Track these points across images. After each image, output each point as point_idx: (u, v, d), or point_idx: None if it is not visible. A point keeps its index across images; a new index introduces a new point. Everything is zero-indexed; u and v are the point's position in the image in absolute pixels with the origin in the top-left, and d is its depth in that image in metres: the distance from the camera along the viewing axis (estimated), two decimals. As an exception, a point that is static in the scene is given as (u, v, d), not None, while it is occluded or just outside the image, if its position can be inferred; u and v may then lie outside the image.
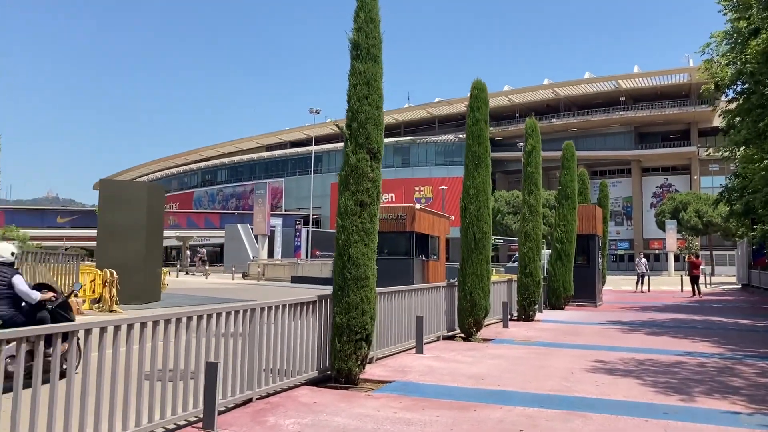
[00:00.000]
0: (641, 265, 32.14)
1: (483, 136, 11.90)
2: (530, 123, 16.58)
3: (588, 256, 21.94)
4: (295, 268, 36.16)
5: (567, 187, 20.27)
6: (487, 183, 11.92)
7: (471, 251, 11.76)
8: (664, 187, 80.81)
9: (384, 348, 9.45)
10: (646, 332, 13.70)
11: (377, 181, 7.62)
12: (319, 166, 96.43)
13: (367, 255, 7.45)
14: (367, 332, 7.50)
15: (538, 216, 16.08)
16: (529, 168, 16.29)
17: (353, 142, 7.53)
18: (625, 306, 21.86)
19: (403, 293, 10.13)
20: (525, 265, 15.98)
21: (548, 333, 13.39)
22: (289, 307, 7.25)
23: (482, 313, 11.78)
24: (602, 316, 17.80)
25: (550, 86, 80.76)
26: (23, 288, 7.17)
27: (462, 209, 11.96)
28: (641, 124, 79.95)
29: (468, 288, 11.72)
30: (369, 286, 7.46)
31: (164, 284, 20.66)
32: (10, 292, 7.13)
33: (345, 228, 7.47)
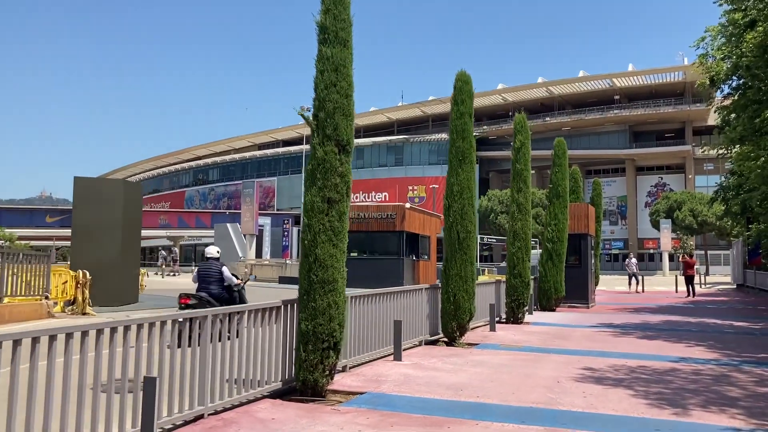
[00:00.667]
0: (632, 266, 31.70)
1: (467, 131, 11.31)
2: (519, 119, 16.01)
3: (580, 255, 21.38)
4: (283, 268, 35.52)
5: (558, 185, 19.72)
6: (472, 180, 11.34)
7: (455, 251, 11.18)
8: (658, 187, 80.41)
9: (359, 355, 8.87)
10: (638, 336, 13.15)
11: (347, 176, 7.03)
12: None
13: (336, 256, 6.87)
14: (335, 340, 6.91)
15: (527, 214, 15.50)
16: (517, 165, 15.71)
17: (320, 134, 6.94)
18: (618, 307, 21.32)
19: (381, 296, 9.55)
20: (514, 265, 15.41)
21: (537, 337, 12.82)
22: (250, 313, 6.66)
23: (466, 317, 11.21)
24: (594, 318, 17.25)
25: (544, 84, 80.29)
26: (228, 275, 10.26)
27: (445, 207, 11.38)
28: (636, 122, 79.56)
29: (451, 290, 11.14)
30: (337, 290, 6.87)
31: (142, 285, 20.03)
32: (219, 277, 10.19)
33: (311, 227, 6.89)
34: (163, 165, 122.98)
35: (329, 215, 6.87)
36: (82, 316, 15.55)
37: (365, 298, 9.04)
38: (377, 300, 9.41)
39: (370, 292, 9.29)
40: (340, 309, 6.92)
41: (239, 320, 6.57)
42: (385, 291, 9.73)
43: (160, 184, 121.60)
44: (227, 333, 6.30)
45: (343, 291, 7.00)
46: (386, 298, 9.71)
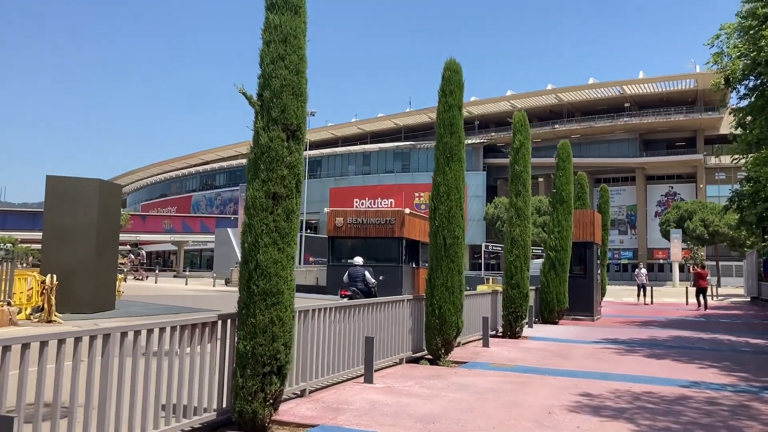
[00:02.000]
0: (641, 276, 30.33)
1: (456, 125, 10.19)
2: (519, 117, 14.87)
3: (585, 265, 20.20)
4: (278, 274, 34.37)
5: (562, 190, 18.55)
6: (461, 179, 10.21)
7: (440, 259, 10.04)
8: (669, 196, 78.91)
9: (324, 376, 7.74)
10: (645, 354, 11.95)
11: (296, 167, 5.92)
12: (318, 171, 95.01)
13: (281, 263, 5.75)
14: (280, 363, 5.79)
15: (526, 220, 14.35)
16: (516, 167, 14.57)
17: (265, 116, 5.84)
18: (625, 320, 20.10)
19: (352, 309, 8.42)
20: (511, 275, 14.24)
21: (533, 354, 11.65)
22: (173, 330, 5.55)
23: (453, 332, 10.07)
24: (598, 332, 16.06)
25: (553, 91, 79.04)
26: (368, 277, 13.77)
27: (431, 210, 10.25)
28: (646, 130, 78.19)
29: (436, 302, 10.00)
30: (282, 303, 5.76)
31: (119, 291, 18.96)
32: (363, 277, 13.64)
33: (252, 227, 5.79)
34: (171, 169, 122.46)
35: (274, 213, 5.77)
36: (47, 324, 14.49)
37: (331, 311, 7.92)
38: (347, 314, 8.29)
39: (338, 303, 8.18)
40: (286, 326, 5.80)
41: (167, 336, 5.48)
42: (356, 303, 8.60)
43: (168, 188, 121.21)
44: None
45: (290, 304, 5.89)
46: (358, 311, 8.58)
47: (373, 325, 8.96)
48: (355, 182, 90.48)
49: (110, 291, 17.72)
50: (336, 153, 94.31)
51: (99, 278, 17.00)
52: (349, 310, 8.33)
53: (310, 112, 63.77)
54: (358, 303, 8.65)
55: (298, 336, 7.24)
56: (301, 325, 7.29)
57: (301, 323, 7.29)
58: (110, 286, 17.71)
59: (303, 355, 7.31)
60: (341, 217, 29.30)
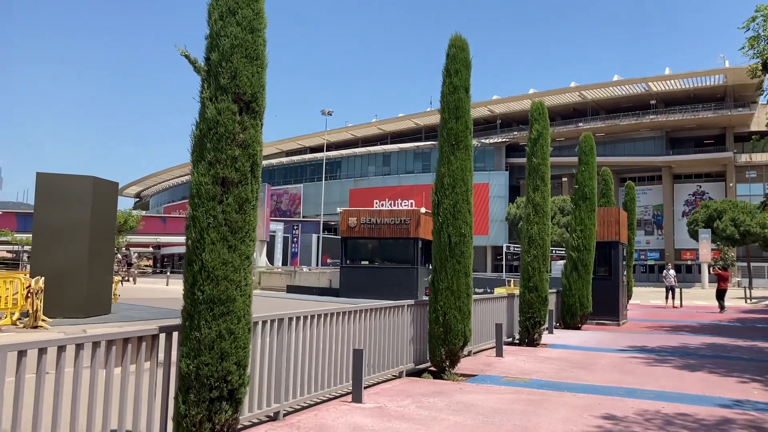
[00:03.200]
0: (669, 278, 28.82)
1: (462, 109, 9.07)
2: (536, 105, 13.70)
3: (610, 266, 18.91)
4: (291, 276, 33.46)
5: (585, 186, 17.32)
6: (467, 170, 9.08)
7: (445, 259, 8.93)
8: (696, 195, 76.75)
9: (303, 396, 6.69)
10: (677, 365, 10.72)
11: (252, 146, 4.87)
12: (338, 172, 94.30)
13: (233, 264, 4.71)
14: (231, 387, 4.75)
15: (545, 217, 13.17)
16: (534, 159, 13.41)
17: (212, 84, 4.81)
18: (653, 325, 18.79)
19: (339, 316, 7.36)
20: (529, 277, 13.08)
21: (552, 365, 10.48)
22: (95, 347, 4.52)
23: (459, 342, 8.94)
24: (624, 338, 14.83)
25: (576, 89, 77.27)
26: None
27: (434, 204, 9.14)
28: (673, 128, 76.10)
29: (440, 308, 8.88)
30: (234, 312, 4.71)
31: (115, 294, 18.05)
32: None
33: (197, 220, 4.75)
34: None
35: (224, 203, 4.73)
36: (32, 330, 13.60)
37: (313, 319, 6.86)
38: (333, 322, 7.22)
39: (327, 309, 7.12)
40: (240, 341, 4.75)
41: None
42: (344, 309, 7.52)
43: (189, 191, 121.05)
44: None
45: (245, 314, 4.84)
46: (346, 318, 7.50)
47: (365, 335, 7.89)
48: (374, 183, 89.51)
49: (105, 294, 16.82)
50: (356, 154, 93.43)
51: (92, 281, 16.10)
52: (335, 318, 7.26)
53: (328, 111, 62.89)
54: (346, 309, 7.58)
55: (271, 349, 6.19)
56: (275, 336, 6.26)
57: (275, 334, 6.26)
58: (105, 289, 16.81)
59: (277, 372, 6.27)
60: (354, 217, 28.28)
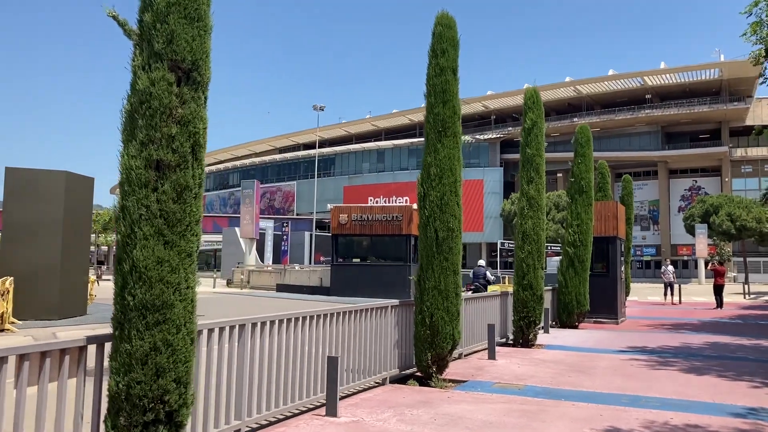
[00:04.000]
0: (668, 274, 28.05)
1: (450, 92, 8.33)
2: (530, 93, 13.02)
3: (607, 262, 18.22)
4: (281, 275, 32.66)
5: (581, 179, 16.61)
6: (456, 159, 8.36)
7: (432, 256, 8.20)
8: (692, 190, 76.20)
9: (271, 410, 5.96)
10: (682, 367, 10.02)
11: (194, 123, 4.13)
12: (332, 169, 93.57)
13: (170, 263, 3.98)
14: (170, 408, 4.02)
15: (539, 211, 12.46)
16: (528, 150, 12.69)
17: (145, 50, 4.07)
18: (653, 323, 18.11)
19: (312, 320, 6.63)
20: (523, 274, 12.37)
21: (548, 369, 9.77)
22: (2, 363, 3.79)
23: (447, 346, 8.22)
24: (623, 338, 14.14)
25: (571, 84, 76.57)
26: (489, 276, 17.89)
27: (420, 197, 8.41)
28: (668, 123, 75.48)
29: (427, 309, 8.16)
30: (172, 320, 3.98)
31: (92, 295, 17.28)
32: (483, 276, 17.61)
33: (127, 211, 4.02)
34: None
35: (159, 191, 3.99)
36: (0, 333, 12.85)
37: (282, 324, 6.14)
38: (305, 326, 6.50)
39: (292, 313, 6.39)
40: (179, 354, 4.03)
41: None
42: (317, 312, 6.79)
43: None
44: None
45: (187, 322, 4.11)
46: (320, 321, 6.78)
47: (344, 340, 7.17)
48: (369, 180, 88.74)
49: (80, 295, 16.05)
50: (350, 150, 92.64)
51: (66, 281, 15.34)
52: (308, 322, 6.54)
53: (320, 107, 61.98)
54: (321, 312, 6.86)
55: (231, 360, 5.47)
56: (236, 344, 5.54)
57: (235, 342, 5.53)
58: (80, 290, 16.04)
59: (239, 385, 5.54)
60: (345, 214, 27.54)
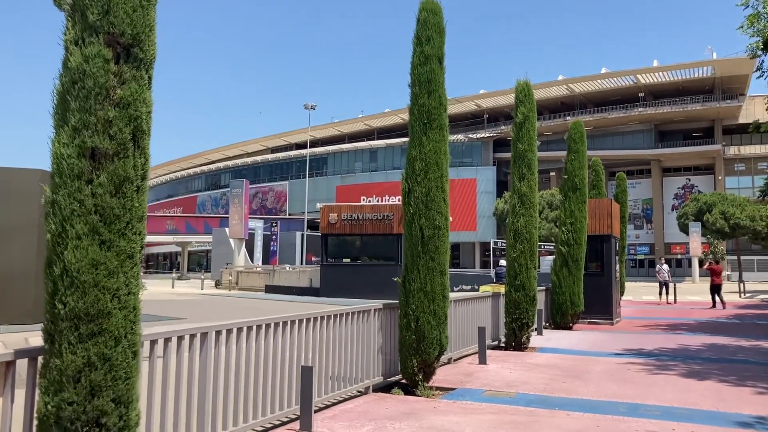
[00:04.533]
0: (663, 273, 27.55)
1: (435, 82, 7.85)
2: (521, 85, 12.54)
3: (602, 261, 17.77)
4: (270, 276, 32.14)
5: (575, 176, 16.15)
6: (442, 153, 7.89)
7: (417, 256, 7.71)
8: (686, 188, 76.02)
9: (239, 426, 5.45)
10: (681, 372, 9.55)
11: (135, 106, 3.63)
12: (324, 168, 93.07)
13: (107, 266, 3.48)
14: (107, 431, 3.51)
15: (532, 208, 11.99)
16: (519, 145, 12.21)
17: (78, 23, 3.56)
18: (648, 324, 17.68)
19: (285, 325, 6.13)
20: (515, 275, 11.89)
21: (541, 374, 9.29)
22: None
23: (434, 351, 7.74)
24: (619, 340, 13.69)
25: (564, 82, 76.24)
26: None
27: (404, 193, 7.93)
28: (661, 121, 75.28)
29: (412, 312, 7.67)
30: (109, 331, 3.48)
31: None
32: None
33: (58, 206, 3.53)
34: (177, 170, 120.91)
35: (94, 183, 3.50)
36: (-32, 338, 12.29)
37: (250, 331, 5.63)
38: (278, 332, 5.99)
39: (262, 319, 5.88)
40: (119, 370, 3.52)
41: None
42: (294, 316, 6.29)
43: (175, 189, 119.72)
44: None
45: (129, 333, 3.61)
46: (296, 327, 6.27)
47: (322, 346, 6.67)
48: (362, 179, 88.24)
49: (58, 298, 15.49)
50: (342, 150, 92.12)
51: (42, 284, 14.75)
52: (280, 328, 6.03)
53: (311, 105, 61.45)
54: (296, 317, 6.36)
55: (190, 371, 4.97)
56: (197, 353, 5.04)
57: (196, 352, 5.04)
58: (57, 293, 15.47)
59: (201, 399, 5.04)
60: (335, 213, 27.05)
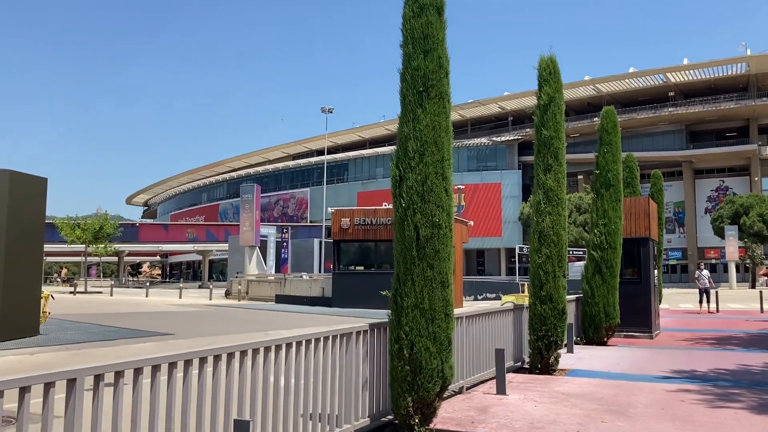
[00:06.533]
0: (703, 279, 25.25)
1: (433, 38, 6.10)
2: (545, 63, 10.75)
3: (639, 267, 15.84)
4: (281, 284, 30.49)
5: (608, 171, 14.27)
6: (443, 129, 6.12)
7: (411, 263, 5.95)
8: (720, 191, 73.19)
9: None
10: (751, 405, 7.62)
11: None
12: (345, 174, 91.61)
13: None
14: None
15: (560, 205, 10.17)
16: (544, 131, 10.41)
17: None
18: (692, 337, 15.71)
19: (229, 358, 4.40)
20: (540, 284, 10.06)
21: (573, 409, 7.44)
22: None
23: (434, 386, 5.95)
24: (664, 358, 11.79)
25: (591, 82, 73.96)
26: None
27: (394, 182, 6.17)
28: (693, 121, 72.61)
29: (405, 336, 5.90)
30: None
31: (45, 312, 15.14)
32: None
33: None
34: (199, 178, 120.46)
35: None
36: None
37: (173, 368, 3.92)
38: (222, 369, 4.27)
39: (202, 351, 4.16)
40: None
41: None
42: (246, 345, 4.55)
43: (198, 197, 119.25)
44: None
45: None
46: (249, 361, 4.54)
47: (274, 389, 4.93)
48: (383, 185, 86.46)
49: (30, 312, 13.94)
50: (363, 156, 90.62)
51: (11, 296, 13.25)
52: (224, 363, 4.31)
53: (328, 109, 60.06)
54: (250, 346, 4.64)
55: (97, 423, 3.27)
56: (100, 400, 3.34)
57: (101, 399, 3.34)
58: (29, 306, 13.92)
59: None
60: (347, 218, 25.35)
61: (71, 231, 45.17)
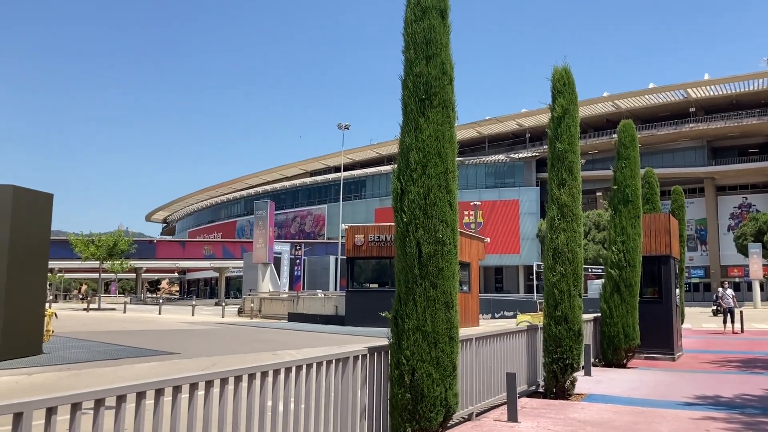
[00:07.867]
0: (727, 298, 24.55)
1: (437, 43, 5.74)
2: (559, 73, 10.31)
3: (660, 286, 15.28)
4: (294, 302, 30.09)
5: (626, 186, 13.77)
6: (447, 140, 5.74)
7: (413, 282, 5.55)
8: (742, 208, 71.98)
9: None
10: (781, 435, 7.13)
11: None
12: (363, 191, 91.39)
13: None
14: None
15: (575, 221, 9.72)
16: (558, 144, 10.00)
17: None
18: (717, 359, 15.08)
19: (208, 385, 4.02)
20: (555, 303, 9.59)
21: (590, 438, 6.97)
22: None
23: (437, 416, 5.53)
24: (687, 382, 11.23)
25: (609, 98, 73.28)
26: None
27: (395, 195, 5.79)
28: (714, 137, 71.67)
29: (406, 361, 5.49)
30: None
31: (48, 330, 14.84)
32: None
33: None
34: (217, 195, 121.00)
35: None
36: None
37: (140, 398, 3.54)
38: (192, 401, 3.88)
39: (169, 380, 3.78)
40: None
41: None
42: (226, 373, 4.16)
43: (216, 214, 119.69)
44: None
45: None
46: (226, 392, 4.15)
47: (270, 417, 4.54)
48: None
49: (33, 330, 13.65)
50: (381, 172, 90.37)
51: (12, 314, 12.97)
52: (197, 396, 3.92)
53: (345, 125, 59.93)
54: (227, 373, 4.25)
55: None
56: None
57: None
58: (33, 325, 13.64)
59: None
60: (361, 234, 24.96)
61: (85, 247, 45.09)
